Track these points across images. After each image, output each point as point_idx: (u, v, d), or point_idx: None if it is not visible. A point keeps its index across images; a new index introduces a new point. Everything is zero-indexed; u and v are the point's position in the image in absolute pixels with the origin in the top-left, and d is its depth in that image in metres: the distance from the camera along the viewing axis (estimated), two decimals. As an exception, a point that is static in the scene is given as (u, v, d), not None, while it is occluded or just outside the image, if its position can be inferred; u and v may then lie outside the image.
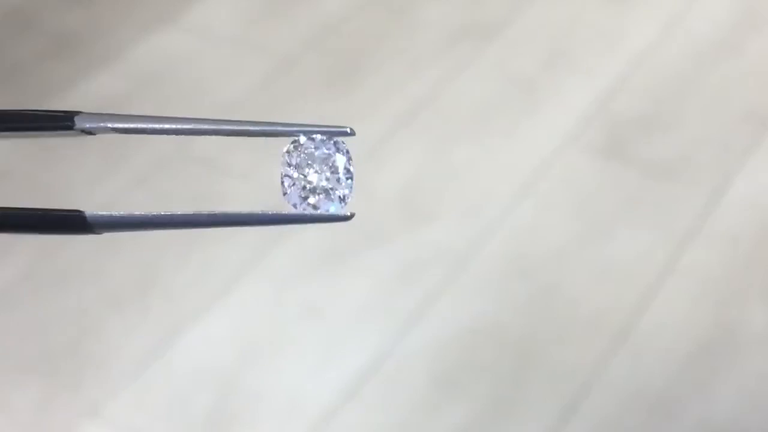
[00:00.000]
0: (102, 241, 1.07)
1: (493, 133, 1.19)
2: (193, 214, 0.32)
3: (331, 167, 0.34)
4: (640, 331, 0.99)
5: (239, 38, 1.33)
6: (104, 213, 0.32)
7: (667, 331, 1.00)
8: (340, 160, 0.34)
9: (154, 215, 0.32)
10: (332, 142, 0.34)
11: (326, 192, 0.34)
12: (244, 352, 1.00)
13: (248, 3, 1.37)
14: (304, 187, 0.34)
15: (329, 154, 0.34)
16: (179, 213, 0.32)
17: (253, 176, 1.13)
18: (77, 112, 0.32)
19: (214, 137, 1.07)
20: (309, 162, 0.34)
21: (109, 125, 0.32)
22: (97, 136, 0.32)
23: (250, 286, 1.05)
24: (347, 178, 0.34)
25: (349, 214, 0.34)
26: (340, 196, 0.34)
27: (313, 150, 0.34)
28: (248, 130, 0.33)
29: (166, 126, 0.32)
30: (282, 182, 0.34)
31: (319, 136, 0.34)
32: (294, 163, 0.34)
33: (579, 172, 1.14)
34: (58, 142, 1.16)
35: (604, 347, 0.98)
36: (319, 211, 0.34)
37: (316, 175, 0.34)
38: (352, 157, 0.34)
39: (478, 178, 1.15)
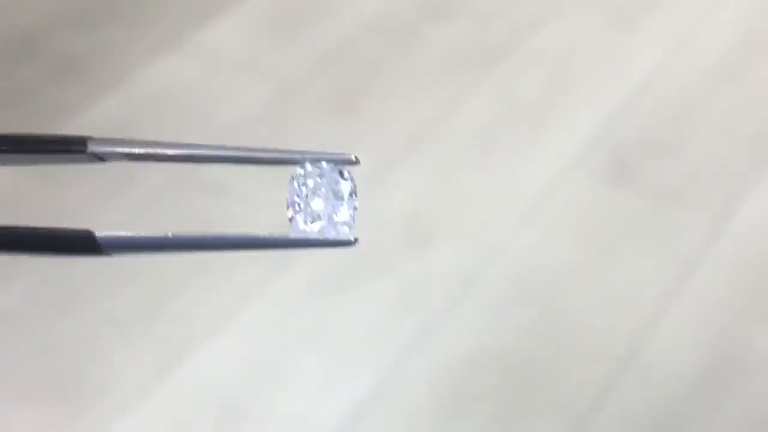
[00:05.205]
0: (106, 264, 1.08)
1: (497, 158, 1.20)
2: (203, 237, 0.33)
3: (335, 194, 0.34)
4: (645, 355, 0.99)
5: (245, 63, 1.33)
6: (114, 233, 0.32)
7: (671, 356, 1.00)
8: (345, 187, 0.35)
9: (164, 237, 0.32)
10: (337, 169, 0.35)
11: (331, 218, 0.34)
12: (249, 376, 1.00)
13: (254, 27, 1.38)
14: (309, 213, 0.34)
15: (334, 180, 0.34)
16: (189, 235, 0.33)
17: (259, 202, 1.14)
18: (89, 137, 0.32)
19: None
20: (314, 188, 0.34)
21: (120, 150, 0.32)
22: (105, 163, 0.32)
23: (255, 310, 1.05)
24: (351, 205, 0.35)
25: (353, 239, 0.35)
26: (344, 222, 0.35)
27: (318, 177, 0.34)
28: (256, 157, 0.34)
29: (177, 152, 0.33)
30: (288, 208, 0.34)
31: (324, 164, 0.34)
32: (300, 189, 0.34)
33: (583, 197, 1.15)
34: (62, 165, 1.17)
35: (608, 372, 0.98)
36: (323, 236, 0.34)
37: (322, 201, 0.34)
38: (357, 184, 0.35)
39: (482, 203, 1.15)
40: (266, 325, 1.05)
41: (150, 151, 0.32)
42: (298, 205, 0.34)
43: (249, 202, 1.14)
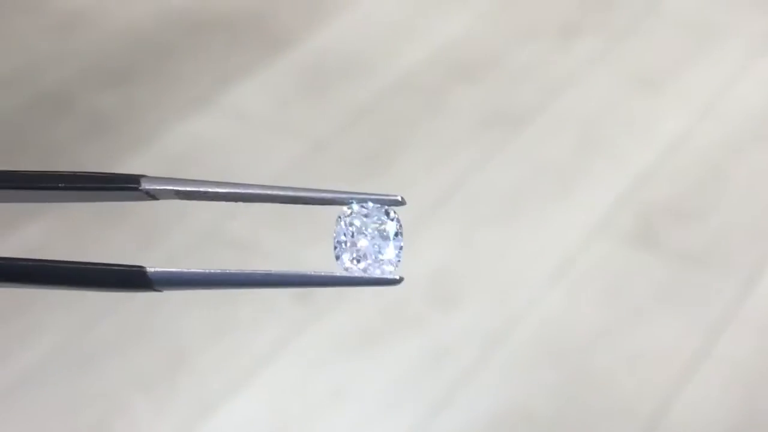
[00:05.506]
0: (130, 321, 1.08)
1: (523, 220, 1.20)
2: (250, 273, 0.33)
3: (381, 233, 0.35)
4: (671, 419, 0.99)
5: (273, 122, 1.34)
6: (165, 269, 0.33)
7: (698, 421, 0.99)
8: (391, 227, 0.35)
9: (212, 273, 0.33)
10: (383, 209, 0.35)
11: (376, 257, 0.35)
12: (273, 434, 1.00)
13: (282, 87, 1.39)
14: (355, 252, 0.35)
15: (380, 220, 0.35)
16: (236, 272, 0.33)
17: (286, 261, 1.14)
18: (142, 175, 0.33)
19: (250, 217, 1.07)
20: (360, 228, 0.35)
21: (173, 188, 0.33)
22: (157, 200, 0.32)
23: (279, 367, 1.05)
24: (397, 244, 0.35)
25: (398, 278, 0.35)
26: (389, 261, 0.35)
27: (364, 216, 0.35)
28: (304, 197, 0.34)
29: (226, 191, 0.33)
30: (334, 247, 0.35)
31: (370, 204, 0.35)
32: (346, 228, 0.35)
33: (610, 259, 1.15)
34: (88, 222, 1.18)
35: (634, 435, 0.98)
36: (369, 275, 0.35)
37: (367, 240, 0.35)
38: (402, 225, 0.35)
39: (509, 264, 1.15)
40: (290, 382, 1.04)
41: (201, 189, 0.33)
42: (344, 243, 0.35)
43: (275, 260, 1.15)
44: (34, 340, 1.08)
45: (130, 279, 0.32)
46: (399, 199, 0.35)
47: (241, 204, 0.35)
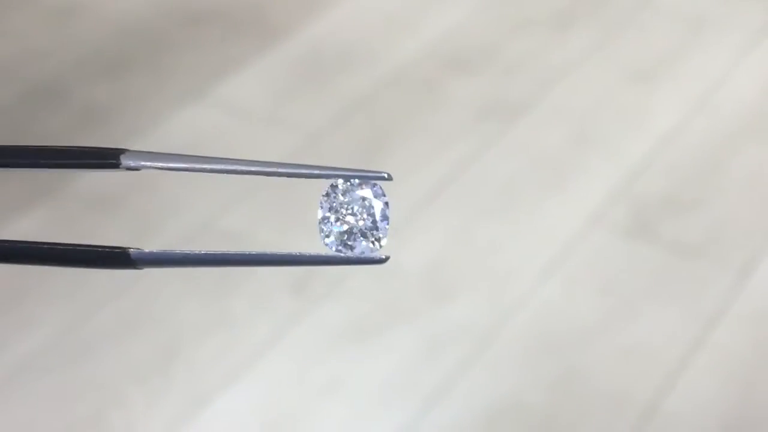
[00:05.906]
0: (126, 313, 1.08)
1: (518, 212, 1.20)
2: (233, 254, 0.33)
3: (367, 210, 0.34)
4: (665, 412, 0.99)
5: (268, 113, 1.34)
6: (147, 250, 0.33)
7: (692, 413, 0.99)
8: (377, 204, 0.34)
9: (194, 254, 0.33)
10: (370, 186, 0.34)
11: (362, 235, 0.34)
12: (267, 426, 1.00)
13: (278, 79, 1.39)
14: (340, 230, 0.34)
15: (366, 197, 0.34)
16: (219, 252, 0.33)
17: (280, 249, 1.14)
18: (123, 150, 0.33)
19: (245, 211, 1.07)
20: (346, 205, 0.34)
21: (153, 164, 0.33)
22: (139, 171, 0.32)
23: (274, 360, 1.05)
24: (383, 222, 0.34)
25: (384, 257, 0.34)
26: (376, 239, 0.34)
27: (351, 193, 0.34)
28: (289, 173, 0.34)
29: (207, 166, 0.33)
30: (319, 224, 0.34)
31: (357, 180, 0.34)
32: (332, 205, 0.34)
33: (604, 251, 1.15)
34: (81, 216, 1.18)
35: (628, 428, 0.98)
36: (354, 253, 0.34)
37: (353, 218, 0.34)
38: (389, 202, 0.34)
39: (503, 256, 1.15)
40: (284, 376, 1.04)
41: (180, 165, 0.33)
42: (330, 221, 0.34)
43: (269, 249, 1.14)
44: (31, 331, 1.08)
45: (113, 258, 0.33)
46: (385, 175, 0.34)
47: (236, 198, 0.35)
